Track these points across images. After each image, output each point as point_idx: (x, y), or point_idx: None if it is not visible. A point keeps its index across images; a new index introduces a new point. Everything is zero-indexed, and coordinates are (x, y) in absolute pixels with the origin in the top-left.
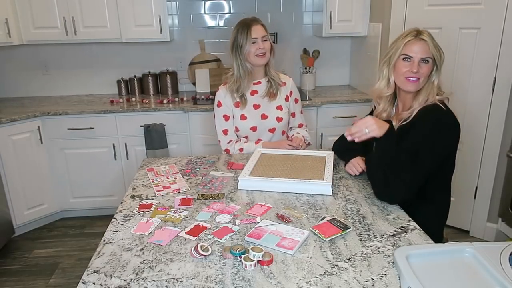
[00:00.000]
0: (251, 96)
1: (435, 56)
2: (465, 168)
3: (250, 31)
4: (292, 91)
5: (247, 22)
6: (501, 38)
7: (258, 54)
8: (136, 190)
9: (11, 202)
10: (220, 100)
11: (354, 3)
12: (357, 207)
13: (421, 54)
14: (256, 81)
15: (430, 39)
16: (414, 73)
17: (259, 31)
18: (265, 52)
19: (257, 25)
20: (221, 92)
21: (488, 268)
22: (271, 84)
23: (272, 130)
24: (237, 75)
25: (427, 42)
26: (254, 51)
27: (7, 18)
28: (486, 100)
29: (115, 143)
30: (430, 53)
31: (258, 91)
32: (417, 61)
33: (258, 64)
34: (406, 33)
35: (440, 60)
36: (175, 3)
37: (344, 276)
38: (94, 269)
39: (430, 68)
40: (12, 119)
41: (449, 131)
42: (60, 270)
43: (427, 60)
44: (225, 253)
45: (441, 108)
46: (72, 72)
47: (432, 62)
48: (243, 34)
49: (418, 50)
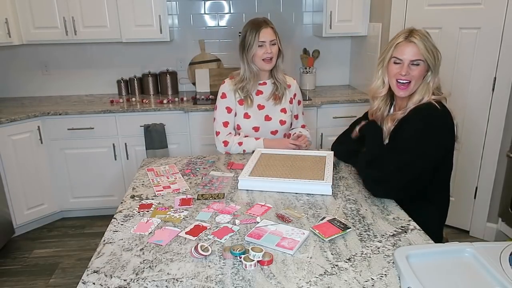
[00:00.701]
0: (256, 96)
1: (426, 58)
2: (465, 168)
3: (259, 34)
4: (296, 93)
5: (257, 23)
6: (501, 38)
7: (265, 59)
8: (136, 190)
9: (11, 202)
10: (225, 92)
11: (354, 3)
12: (357, 207)
13: (411, 56)
14: (262, 81)
15: (422, 40)
16: (404, 76)
17: (268, 34)
18: (272, 56)
19: (267, 28)
20: (227, 85)
21: (488, 268)
22: (277, 87)
23: (274, 132)
24: (243, 76)
25: (417, 45)
26: (261, 54)
27: (7, 18)
28: (486, 100)
29: (115, 143)
30: (421, 55)
31: (263, 91)
32: (407, 64)
33: (264, 69)
34: (399, 34)
35: (434, 62)
36: (175, 3)
37: (344, 276)
38: (94, 269)
39: (422, 71)
40: (12, 119)
41: (440, 130)
42: (60, 270)
43: (418, 63)
44: (225, 253)
45: (435, 107)
46: (72, 72)
47: (424, 65)
48: (251, 35)
49: (407, 53)
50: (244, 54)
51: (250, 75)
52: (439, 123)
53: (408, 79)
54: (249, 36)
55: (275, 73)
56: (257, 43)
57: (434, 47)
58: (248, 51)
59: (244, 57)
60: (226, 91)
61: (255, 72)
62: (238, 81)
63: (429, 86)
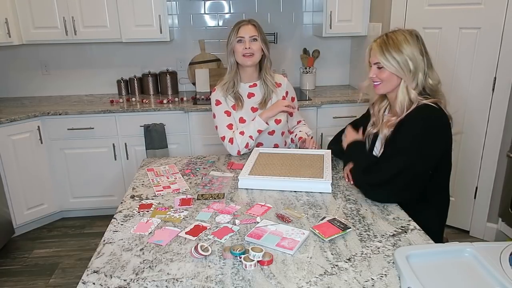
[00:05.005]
0: (248, 99)
1: (383, 63)
2: (465, 168)
3: (238, 29)
4: (288, 90)
5: (240, 21)
6: (501, 38)
7: (245, 54)
8: (136, 190)
9: (11, 202)
10: (218, 99)
11: (354, 3)
12: (357, 207)
13: (374, 60)
14: (252, 83)
15: (381, 44)
16: (373, 77)
17: (248, 30)
18: (252, 53)
19: (248, 25)
20: (218, 92)
21: (488, 268)
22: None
23: (271, 132)
24: (228, 75)
25: (374, 49)
26: (240, 50)
27: (7, 18)
28: (486, 100)
29: (115, 143)
30: (378, 59)
31: (255, 93)
32: (374, 67)
33: (245, 64)
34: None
35: (394, 68)
36: (175, 3)
37: (344, 276)
38: (94, 269)
39: (388, 74)
40: (12, 119)
41: (437, 131)
42: (60, 270)
43: (380, 66)
44: (225, 253)
45: (431, 108)
46: (72, 72)
47: (388, 69)
48: (232, 32)
49: (372, 56)
50: (227, 51)
51: (233, 71)
52: (436, 124)
53: (377, 81)
54: (231, 33)
55: (264, 74)
56: (235, 38)
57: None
58: (228, 46)
59: (228, 55)
60: (219, 97)
61: (236, 68)
62: (226, 81)
63: (408, 88)
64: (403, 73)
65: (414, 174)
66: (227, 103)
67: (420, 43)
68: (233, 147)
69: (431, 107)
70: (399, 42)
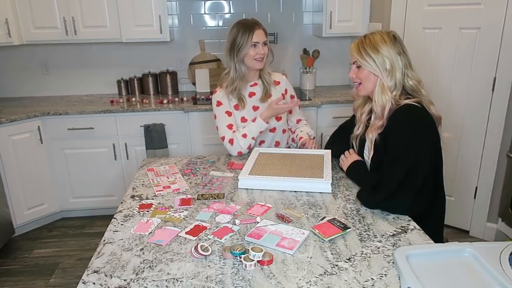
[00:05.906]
0: (249, 98)
1: (360, 62)
2: (465, 168)
3: (252, 35)
4: (287, 88)
5: (249, 24)
6: (501, 38)
7: (257, 58)
8: (136, 190)
9: (11, 202)
10: (220, 100)
11: (354, 3)
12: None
13: (353, 59)
14: (252, 82)
15: (358, 44)
16: (353, 77)
17: (261, 36)
18: (263, 56)
19: (260, 30)
20: (219, 93)
21: (488, 268)
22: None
23: (272, 130)
24: (233, 77)
25: (352, 49)
26: (253, 54)
27: (7, 18)
28: (486, 100)
29: (115, 143)
30: (355, 58)
31: (255, 92)
32: (353, 66)
33: (255, 68)
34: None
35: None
36: (175, 3)
37: (344, 276)
38: (94, 269)
39: (367, 73)
40: (12, 119)
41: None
42: (60, 270)
43: (358, 65)
44: (225, 253)
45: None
46: (72, 72)
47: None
48: (244, 36)
49: (351, 55)
50: (233, 54)
51: (239, 75)
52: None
53: (356, 81)
54: (241, 37)
55: (263, 73)
56: (250, 43)
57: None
58: (240, 51)
59: (234, 58)
60: (220, 98)
61: (243, 72)
62: (228, 83)
63: (384, 87)
64: (379, 71)
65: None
66: (229, 104)
67: (398, 43)
68: (233, 148)
69: (414, 106)
70: (376, 41)
